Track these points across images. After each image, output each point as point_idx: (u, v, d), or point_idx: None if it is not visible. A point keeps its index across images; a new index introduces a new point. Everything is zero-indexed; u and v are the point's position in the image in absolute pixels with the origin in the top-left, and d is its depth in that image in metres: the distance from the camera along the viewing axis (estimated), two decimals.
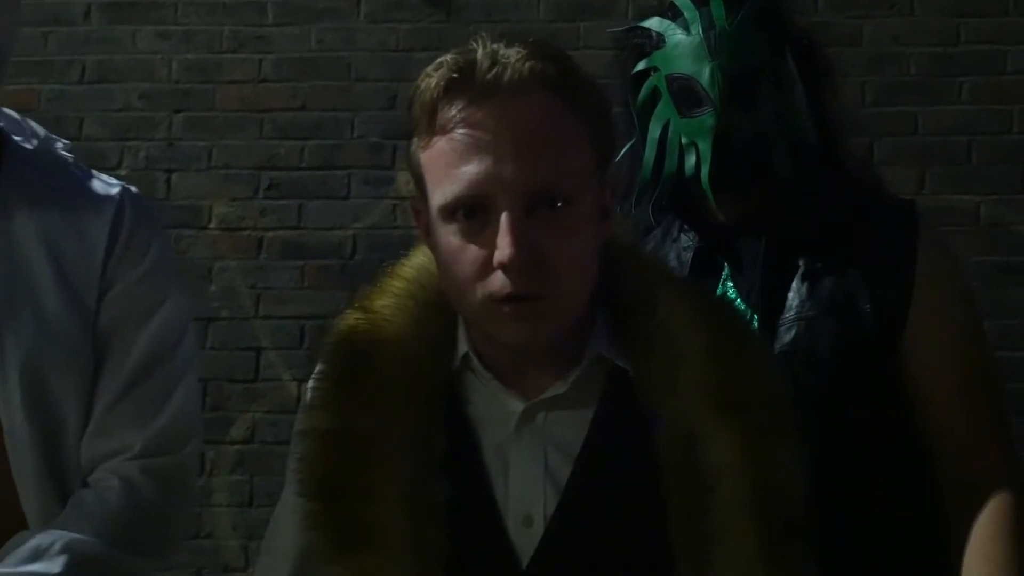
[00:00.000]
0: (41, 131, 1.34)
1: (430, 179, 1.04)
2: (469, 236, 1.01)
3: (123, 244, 1.27)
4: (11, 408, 1.17)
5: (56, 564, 1.11)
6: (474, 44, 1.05)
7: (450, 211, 1.02)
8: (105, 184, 1.32)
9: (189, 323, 1.34)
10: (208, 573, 2.88)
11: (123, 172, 3.02)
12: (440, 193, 1.02)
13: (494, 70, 1.01)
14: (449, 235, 1.03)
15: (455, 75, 1.02)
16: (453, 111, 1.01)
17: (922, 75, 2.97)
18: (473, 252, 1.01)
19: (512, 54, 1.02)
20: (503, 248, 0.98)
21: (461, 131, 1.01)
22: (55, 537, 1.14)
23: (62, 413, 1.21)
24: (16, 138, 1.30)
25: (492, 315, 1.02)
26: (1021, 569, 1.26)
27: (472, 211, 1.01)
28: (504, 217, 0.99)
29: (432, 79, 1.03)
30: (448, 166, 1.01)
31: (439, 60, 1.05)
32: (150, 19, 3.13)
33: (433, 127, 1.03)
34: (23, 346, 1.18)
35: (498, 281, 1.00)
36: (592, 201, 1.05)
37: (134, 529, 1.20)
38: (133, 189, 1.34)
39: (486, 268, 1.01)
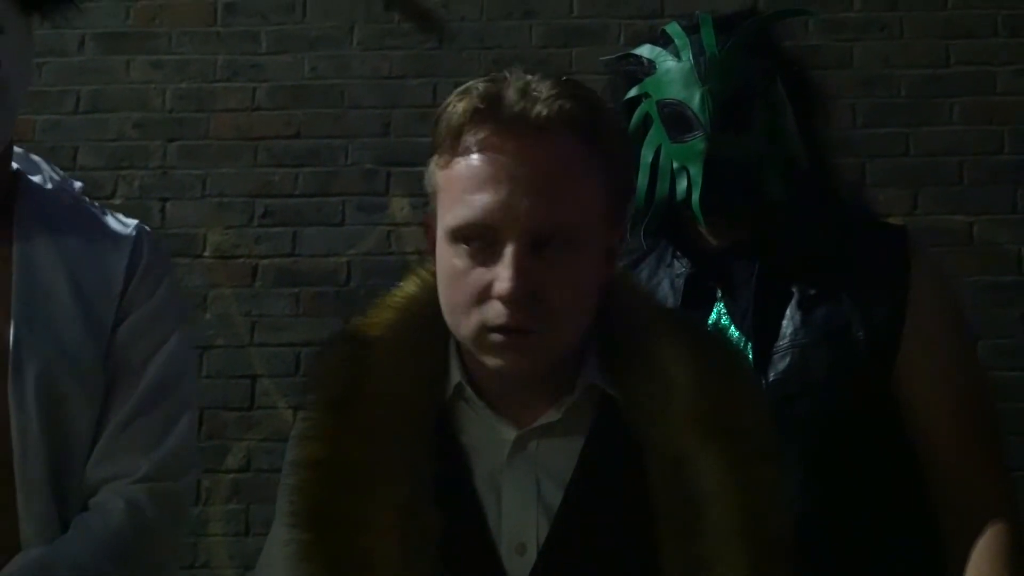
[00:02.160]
0: (59, 173, 1.42)
1: (443, 199, 1.05)
2: (473, 262, 1.02)
3: (139, 277, 1.34)
4: (26, 424, 1.20)
5: None
6: (508, 74, 1.05)
7: (458, 235, 1.02)
8: (121, 222, 1.39)
9: (192, 359, 1.41)
10: None
11: (118, 201, 3.03)
12: (452, 215, 1.03)
13: (522, 104, 1.01)
14: (453, 257, 1.04)
15: (484, 103, 1.02)
16: (477, 137, 1.02)
17: (913, 96, 2.98)
18: (474, 278, 1.02)
19: (544, 90, 1.03)
20: (503, 280, 0.99)
21: (481, 158, 1.01)
22: (60, 556, 1.17)
23: (74, 432, 1.25)
24: (34, 178, 1.37)
25: (484, 342, 1.03)
26: None
27: (480, 239, 1.01)
28: (509, 250, 0.99)
29: (461, 103, 1.04)
30: (463, 191, 1.02)
31: (469, 84, 1.06)
32: (144, 49, 3.15)
33: (456, 149, 1.03)
34: (40, 364, 1.22)
35: (494, 310, 1.00)
36: (599, 244, 1.06)
37: (136, 549, 1.23)
38: (147, 228, 1.41)
39: (484, 295, 1.01)
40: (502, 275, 0.99)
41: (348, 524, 1.04)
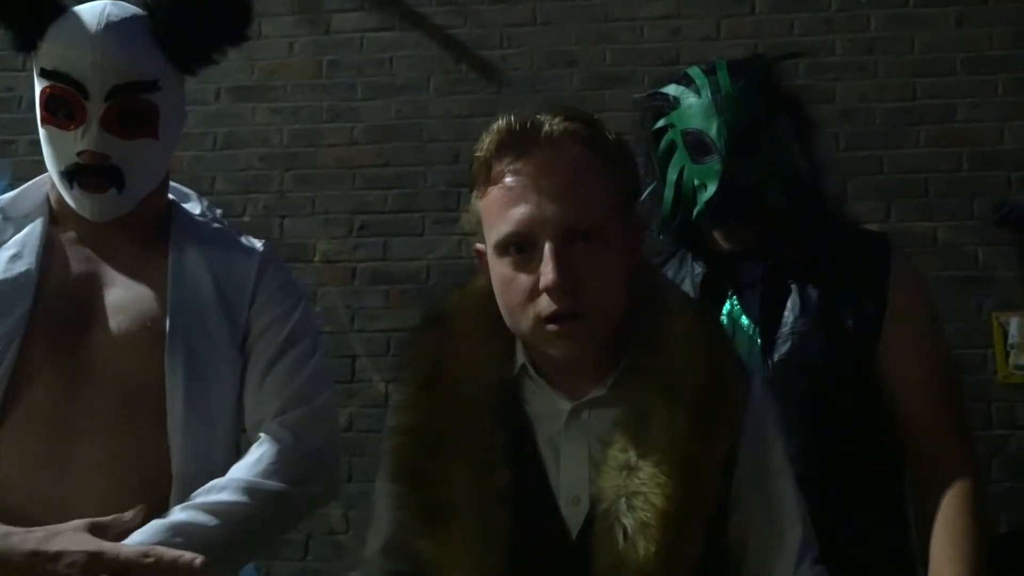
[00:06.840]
0: (204, 202, 1.45)
1: (486, 222, 1.03)
2: (519, 267, 0.99)
3: (265, 275, 1.36)
4: (175, 390, 1.24)
5: (224, 494, 1.19)
6: (515, 113, 1.03)
7: (503, 247, 1.00)
8: (250, 240, 1.43)
9: (315, 325, 1.41)
10: (317, 535, 2.88)
11: (247, 219, 3.06)
12: (495, 232, 1.00)
13: (532, 131, 1.00)
14: (503, 267, 1.01)
15: (502, 137, 1.01)
16: (502, 166, 1.00)
17: (886, 125, 2.90)
18: (523, 280, 0.99)
19: (548, 117, 1.01)
20: (547, 274, 0.96)
21: (510, 180, 0.99)
22: (230, 479, 1.22)
23: (215, 403, 1.27)
24: (185, 205, 1.42)
25: (541, 334, 1.00)
26: (978, 539, 1.23)
27: (520, 246, 0.99)
28: (547, 248, 0.97)
29: (485, 142, 1.02)
30: (500, 209, 1.00)
31: (491, 127, 1.04)
32: (265, 98, 3.17)
33: (488, 180, 1.02)
34: (188, 344, 1.26)
35: (544, 303, 0.98)
36: (619, 234, 1.02)
37: (276, 466, 1.24)
38: (269, 245, 1.44)
39: (534, 293, 0.98)
40: (545, 271, 0.96)
41: (434, 480, 1.03)
